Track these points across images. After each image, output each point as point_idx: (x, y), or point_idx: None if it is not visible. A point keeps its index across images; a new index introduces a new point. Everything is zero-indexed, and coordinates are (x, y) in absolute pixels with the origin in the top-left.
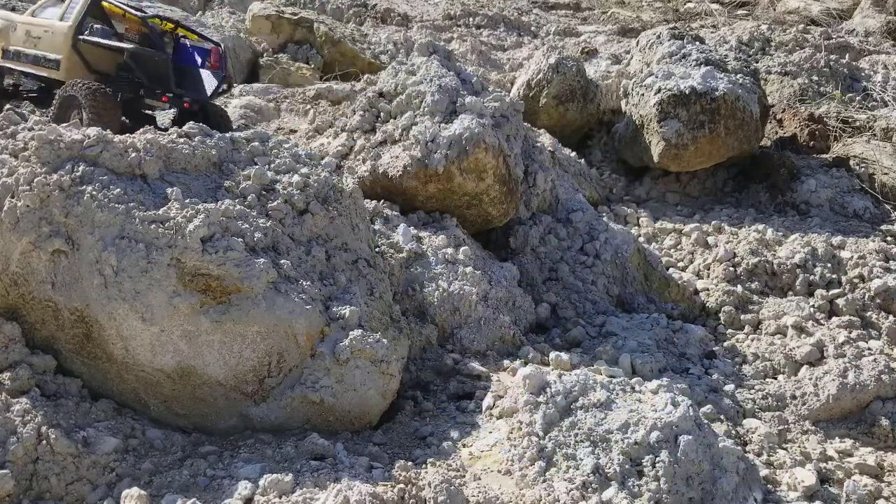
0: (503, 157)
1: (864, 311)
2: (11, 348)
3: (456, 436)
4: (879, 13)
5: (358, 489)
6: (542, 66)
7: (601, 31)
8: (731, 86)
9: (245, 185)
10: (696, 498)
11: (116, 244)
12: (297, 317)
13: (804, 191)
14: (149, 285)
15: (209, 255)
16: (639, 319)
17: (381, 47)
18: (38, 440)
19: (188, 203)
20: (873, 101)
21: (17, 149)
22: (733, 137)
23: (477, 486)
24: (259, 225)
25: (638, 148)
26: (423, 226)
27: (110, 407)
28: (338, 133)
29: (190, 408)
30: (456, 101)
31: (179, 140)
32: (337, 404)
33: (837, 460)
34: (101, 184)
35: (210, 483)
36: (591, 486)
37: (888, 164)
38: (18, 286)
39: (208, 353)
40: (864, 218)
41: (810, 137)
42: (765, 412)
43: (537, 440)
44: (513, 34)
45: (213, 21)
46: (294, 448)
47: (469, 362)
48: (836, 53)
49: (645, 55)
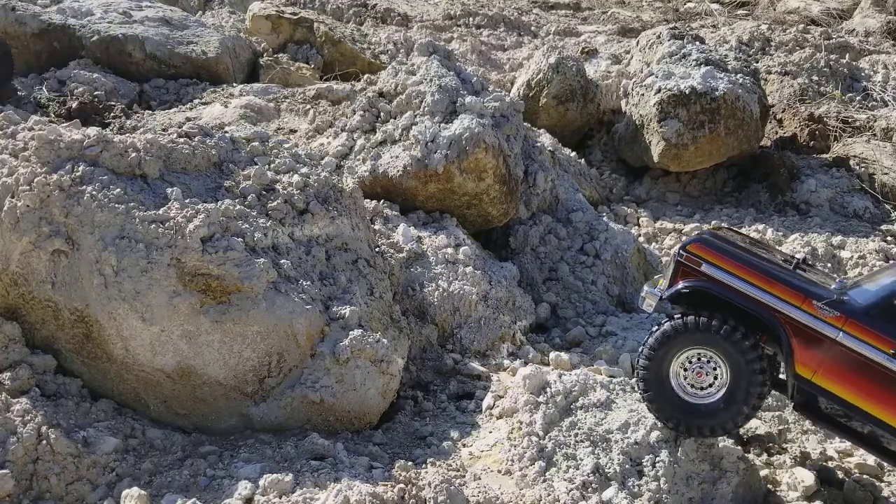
0: (503, 157)
1: None
2: (11, 348)
3: (456, 436)
4: (879, 13)
5: (358, 489)
6: (542, 66)
7: (601, 31)
8: (731, 86)
9: (245, 185)
10: (696, 498)
11: (116, 244)
12: (297, 317)
13: (804, 191)
14: (149, 285)
15: (209, 254)
16: (639, 319)
17: (381, 47)
18: (38, 440)
19: (188, 203)
20: (873, 101)
21: (17, 149)
22: (733, 137)
23: (477, 486)
24: (259, 225)
25: (638, 148)
26: (423, 226)
27: (110, 407)
28: (338, 133)
29: (190, 408)
30: (456, 101)
31: (179, 140)
32: (337, 404)
33: (837, 460)
34: (101, 184)
35: (210, 483)
36: (591, 486)
37: (888, 164)
38: (18, 286)
39: (208, 352)
40: (864, 218)
41: (810, 137)
42: (765, 412)
43: (537, 440)
44: (513, 34)
45: (214, 21)
46: (294, 448)
47: (469, 362)
48: (836, 53)
49: (645, 55)
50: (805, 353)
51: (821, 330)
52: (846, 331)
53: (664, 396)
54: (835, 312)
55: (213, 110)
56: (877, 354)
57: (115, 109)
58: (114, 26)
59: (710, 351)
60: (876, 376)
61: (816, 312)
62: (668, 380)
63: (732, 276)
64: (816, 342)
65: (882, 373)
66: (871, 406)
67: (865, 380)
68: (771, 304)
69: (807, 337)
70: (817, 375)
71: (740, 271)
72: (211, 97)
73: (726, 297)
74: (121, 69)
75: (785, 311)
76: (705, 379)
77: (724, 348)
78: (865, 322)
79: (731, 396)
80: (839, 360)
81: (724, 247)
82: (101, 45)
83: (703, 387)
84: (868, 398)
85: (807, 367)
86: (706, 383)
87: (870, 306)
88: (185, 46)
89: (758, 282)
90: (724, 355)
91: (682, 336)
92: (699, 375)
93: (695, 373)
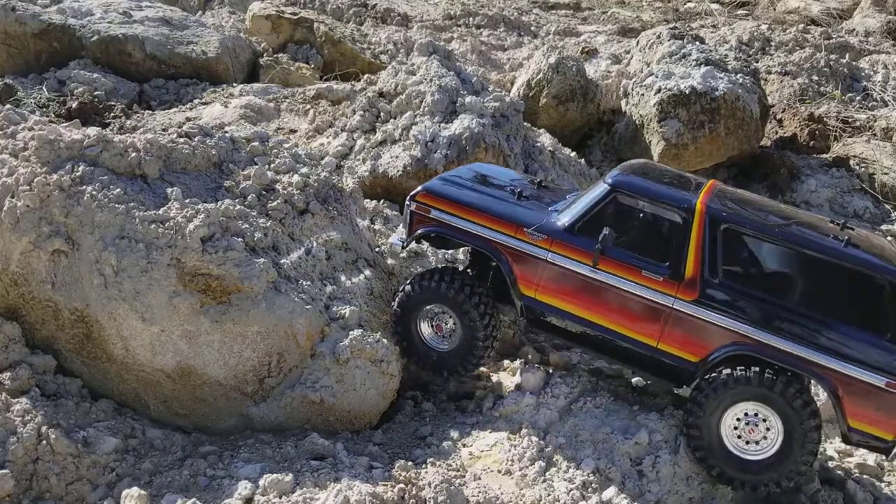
0: (503, 157)
1: None
2: (11, 348)
3: (456, 436)
4: (879, 13)
5: (358, 489)
6: (542, 66)
7: (601, 31)
8: (731, 86)
9: (245, 185)
10: (696, 498)
11: (116, 244)
12: (297, 317)
13: (804, 191)
14: (149, 285)
15: (209, 254)
16: None
17: (381, 47)
18: (38, 440)
19: (188, 203)
20: (873, 101)
21: (17, 149)
22: (733, 137)
23: (477, 486)
24: (259, 225)
25: (638, 148)
26: None
27: (110, 407)
28: (338, 133)
29: (190, 408)
30: (456, 101)
31: (179, 140)
32: (337, 404)
33: (837, 460)
34: (101, 184)
35: (210, 483)
36: (591, 486)
37: (888, 164)
38: (18, 286)
39: (208, 352)
40: (864, 218)
41: (810, 137)
42: None
43: (537, 440)
44: (513, 34)
45: (214, 21)
46: (294, 448)
47: None
48: (836, 53)
49: (645, 55)
50: (525, 275)
51: (533, 253)
52: (553, 251)
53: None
54: (542, 236)
55: (213, 110)
56: (580, 267)
57: (115, 109)
58: (114, 26)
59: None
60: (585, 285)
61: (527, 238)
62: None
63: (456, 217)
64: (532, 264)
65: (586, 282)
66: (582, 311)
67: (576, 290)
68: (490, 238)
69: (523, 261)
70: (538, 293)
71: (462, 212)
72: (211, 97)
73: (456, 238)
74: (121, 69)
75: (502, 242)
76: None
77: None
78: (568, 241)
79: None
80: (552, 276)
81: (447, 191)
82: (101, 45)
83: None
84: (578, 305)
85: (528, 287)
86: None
87: (570, 226)
88: (185, 46)
89: (477, 219)
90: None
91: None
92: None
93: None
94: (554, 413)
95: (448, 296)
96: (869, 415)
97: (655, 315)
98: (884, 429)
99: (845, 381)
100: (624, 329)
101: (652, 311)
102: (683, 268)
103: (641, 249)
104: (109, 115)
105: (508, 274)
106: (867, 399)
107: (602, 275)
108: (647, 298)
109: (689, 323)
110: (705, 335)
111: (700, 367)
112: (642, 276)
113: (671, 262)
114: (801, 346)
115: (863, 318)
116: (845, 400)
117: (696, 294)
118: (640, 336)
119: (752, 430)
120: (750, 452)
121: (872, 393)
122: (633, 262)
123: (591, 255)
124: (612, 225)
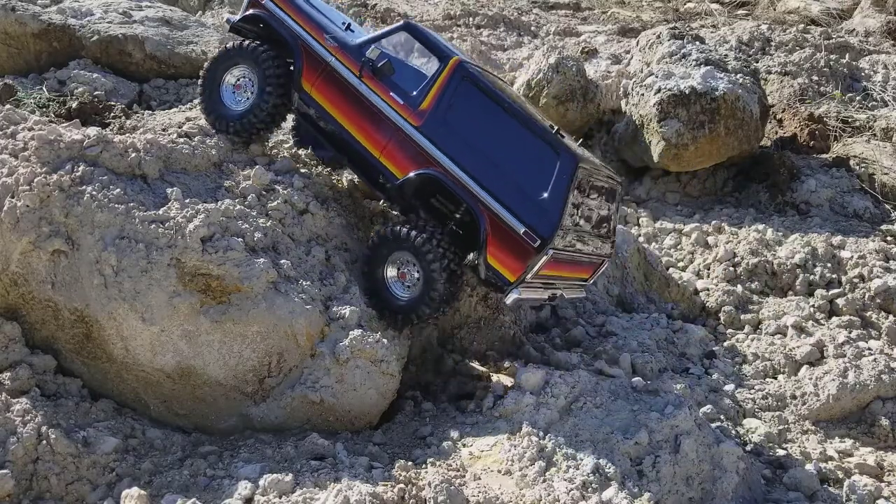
0: None
1: (863, 310)
2: (11, 348)
3: (456, 436)
4: (879, 13)
5: (358, 489)
6: (542, 66)
7: (601, 31)
8: (731, 86)
9: (245, 185)
10: (696, 498)
11: (116, 244)
12: (297, 317)
13: (804, 191)
14: (149, 285)
15: (209, 255)
16: (639, 319)
17: None
18: (38, 440)
19: (188, 203)
20: (873, 101)
21: (17, 149)
22: (733, 137)
23: (477, 486)
24: (259, 225)
25: (638, 148)
26: None
27: (110, 407)
28: None
29: (190, 408)
30: None
31: (179, 140)
32: (337, 404)
33: (837, 460)
34: (101, 184)
35: (210, 483)
36: (591, 486)
37: (888, 164)
38: (18, 286)
39: (208, 353)
40: (864, 218)
41: (810, 137)
42: (765, 412)
43: (537, 440)
44: (513, 34)
45: (213, 21)
46: (294, 448)
47: (469, 362)
48: (836, 53)
49: (645, 55)
50: (309, 73)
51: (321, 55)
52: (337, 57)
53: None
54: (334, 44)
55: None
56: (349, 76)
57: (115, 109)
58: (114, 26)
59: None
60: (346, 92)
61: (323, 42)
62: None
63: (281, 10)
64: (318, 63)
65: (349, 90)
66: (337, 113)
67: (339, 94)
68: (297, 34)
69: (312, 59)
70: (313, 90)
71: (287, 8)
72: None
73: (273, 27)
74: (121, 69)
75: (303, 38)
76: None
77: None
78: (351, 54)
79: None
80: (327, 78)
81: None
82: (101, 45)
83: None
84: (337, 108)
85: (307, 83)
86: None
87: (358, 45)
88: (185, 46)
89: (295, 17)
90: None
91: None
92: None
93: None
94: (554, 413)
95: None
96: (503, 256)
97: (386, 131)
98: (510, 270)
99: (496, 221)
100: (361, 137)
101: (385, 127)
102: (422, 100)
103: (400, 78)
104: (109, 116)
105: (298, 68)
106: (506, 242)
107: (363, 87)
108: (385, 115)
109: (407, 144)
110: (413, 157)
111: (398, 186)
112: (389, 95)
113: (417, 93)
114: (475, 183)
115: (530, 181)
116: (491, 236)
117: (421, 122)
118: (370, 146)
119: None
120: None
121: (512, 238)
122: (387, 84)
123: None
124: (389, 55)
